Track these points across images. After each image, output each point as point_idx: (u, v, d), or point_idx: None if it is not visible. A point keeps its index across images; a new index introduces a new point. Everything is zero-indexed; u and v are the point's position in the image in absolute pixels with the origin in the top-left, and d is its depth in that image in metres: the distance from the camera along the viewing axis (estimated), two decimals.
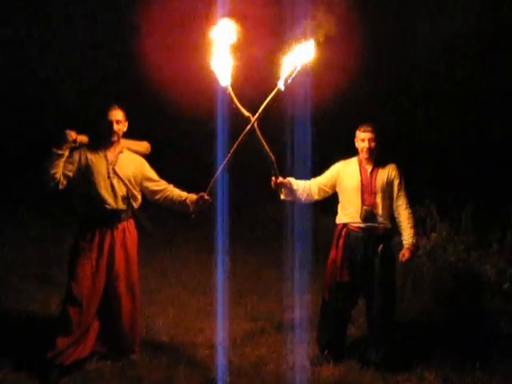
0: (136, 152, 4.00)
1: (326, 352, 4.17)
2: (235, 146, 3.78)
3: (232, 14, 3.49)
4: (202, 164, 5.80)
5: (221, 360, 4.04)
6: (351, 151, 4.19)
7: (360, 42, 7.68)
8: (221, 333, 4.45)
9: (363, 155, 4.07)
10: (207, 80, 3.83)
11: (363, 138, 4.04)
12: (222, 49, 3.55)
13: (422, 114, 7.95)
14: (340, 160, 4.22)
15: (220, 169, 3.85)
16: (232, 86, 3.68)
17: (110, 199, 3.76)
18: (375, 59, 8.18)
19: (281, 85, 3.67)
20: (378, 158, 4.10)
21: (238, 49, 3.59)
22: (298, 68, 3.63)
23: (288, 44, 3.58)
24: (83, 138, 3.78)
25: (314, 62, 3.64)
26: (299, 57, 3.61)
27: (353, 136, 4.14)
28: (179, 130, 8.73)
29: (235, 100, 3.70)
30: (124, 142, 3.95)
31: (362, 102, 8.07)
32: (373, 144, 4.03)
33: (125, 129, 3.87)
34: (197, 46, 3.59)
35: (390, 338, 4.11)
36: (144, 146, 4.10)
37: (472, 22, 7.63)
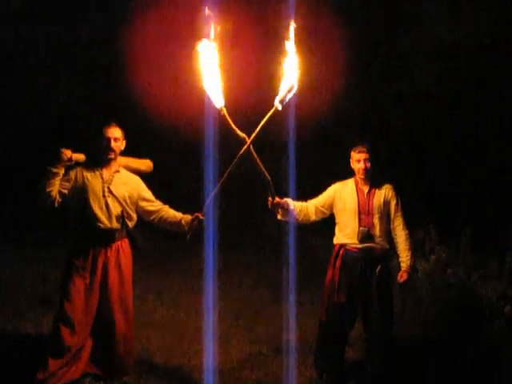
0: (137, 170, 4.00)
1: (324, 375, 4.11)
2: (231, 167, 3.76)
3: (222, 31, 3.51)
4: (196, 183, 5.79)
5: (217, 382, 3.96)
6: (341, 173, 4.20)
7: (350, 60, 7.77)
8: (217, 355, 4.38)
9: (359, 176, 4.07)
10: (199, 99, 3.84)
11: (359, 159, 4.05)
12: (213, 70, 3.55)
13: (419, 136, 7.98)
14: (331, 183, 4.23)
15: (215, 189, 3.83)
16: (226, 106, 3.67)
17: (104, 218, 3.74)
18: (366, 78, 8.25)
19: (278, 104, 3.67)
20: (374, 179, 4.10)
21: (230, 68, 3.60)
22: (296, 87, 3.64)
23: (279, 61, 3.60)
24: (79, 156, 3.78)
25: (304, 80, 3.65)
26: (295, 75, 3.62)
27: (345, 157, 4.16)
28: (172, 149, 8.75)
29: (230, 121, 3.69)
30: (124, 160, 3.95)
31: (353, 124, 8.11)
32: (368, 164, 4.03)
33: (122, 147, 3.87)
34: (189, 65, 3.61)
35: (388, 361, 4.04)
36: (146, 164, 4.09)
37: (464, 38, 7.71)
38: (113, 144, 3.78)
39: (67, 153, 3.66)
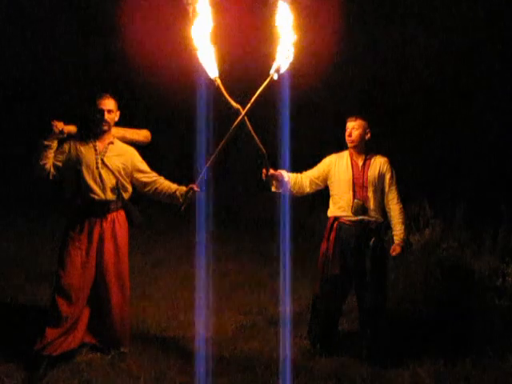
0: (134, 141, 3.98)
1: (317, 346, 4.15)
2: (225, 139, 3.73)
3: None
4: (189, 155, 5.77)
5: (212, 353, 4.01)
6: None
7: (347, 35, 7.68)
8: (212, 327, 4.43)
9: (348, 145, 4.07)
10: (191, 70, 3.79)
11: (347, 127, 4.06)
12: (207, 40, 3.50)
13: (414, 111, 7.95)
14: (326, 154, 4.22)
15: (209, 161, 3.81)
16: (220, 77, 3.62)
17: (98, 190, 3.74)
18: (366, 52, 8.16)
19: (274, 73, 3.62)
20: (369, 152, 4.09)
21: (224, 38, 3.55)
22: (292, 56, 3.58)
23: (275, 30, 3.54)
24: (71, 128, 3.75)
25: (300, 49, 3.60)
26: (291, 44, 3.57)
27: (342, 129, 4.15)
28: (165, 120, 8.70)
29: (224, 92, 3.65)
30: (121, 131, 3.92)
31: (350, 97, 8.05)
32: (355, 133, 4.02)
33: (116, 118, 3.84)
34: (182, 37, 3.56)
35: (381, 333, 4.09)
36: (143, 134, 4.06)
37: (463, 24, 7.64)
38: (106, 116, 3.75)
39: (58, 125, 3.63)
